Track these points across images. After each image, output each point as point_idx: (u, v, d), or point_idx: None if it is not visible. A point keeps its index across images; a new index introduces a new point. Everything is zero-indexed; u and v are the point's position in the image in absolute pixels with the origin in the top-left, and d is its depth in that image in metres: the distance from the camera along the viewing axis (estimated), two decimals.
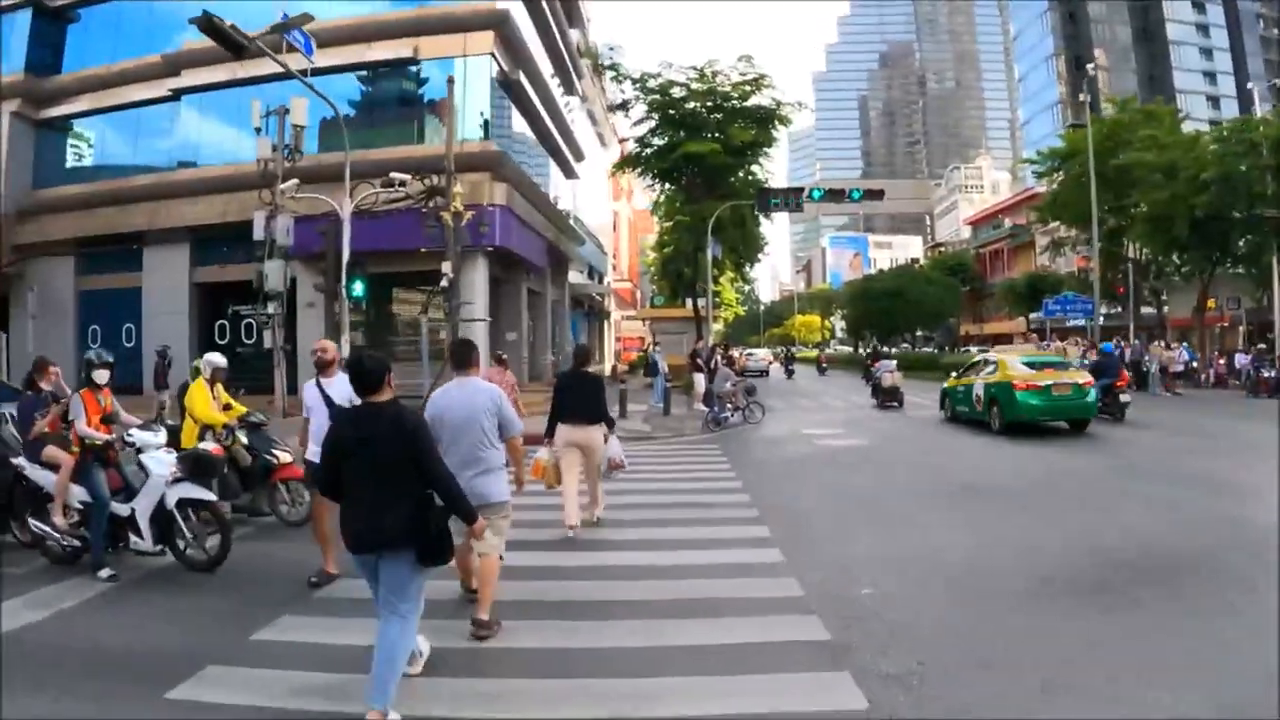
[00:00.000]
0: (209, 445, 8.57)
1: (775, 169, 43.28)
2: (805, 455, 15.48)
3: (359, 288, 18.44)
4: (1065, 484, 11.59)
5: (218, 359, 9.67)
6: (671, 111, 31.56)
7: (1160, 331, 38.08)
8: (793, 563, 7.43)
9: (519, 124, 30.64)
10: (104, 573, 7.38)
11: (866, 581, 6.79)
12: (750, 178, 34.47)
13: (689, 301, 39.47)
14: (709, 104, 31.86)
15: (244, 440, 9.53)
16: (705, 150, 29.88)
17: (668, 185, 35.64)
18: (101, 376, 7.83)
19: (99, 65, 28.97)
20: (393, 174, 19.05)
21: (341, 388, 6.70)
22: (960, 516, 9.47)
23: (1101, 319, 38.66)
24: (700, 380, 24.94)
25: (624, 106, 33.32)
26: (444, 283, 19.41)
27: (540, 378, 31.25)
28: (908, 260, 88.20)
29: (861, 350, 72.62)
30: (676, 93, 31.58)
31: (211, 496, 7.74)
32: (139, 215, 27.18)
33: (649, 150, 33.25)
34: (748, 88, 31.65)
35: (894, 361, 29.13)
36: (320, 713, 4.66)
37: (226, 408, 9.50)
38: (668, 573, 7.24)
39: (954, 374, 21.51)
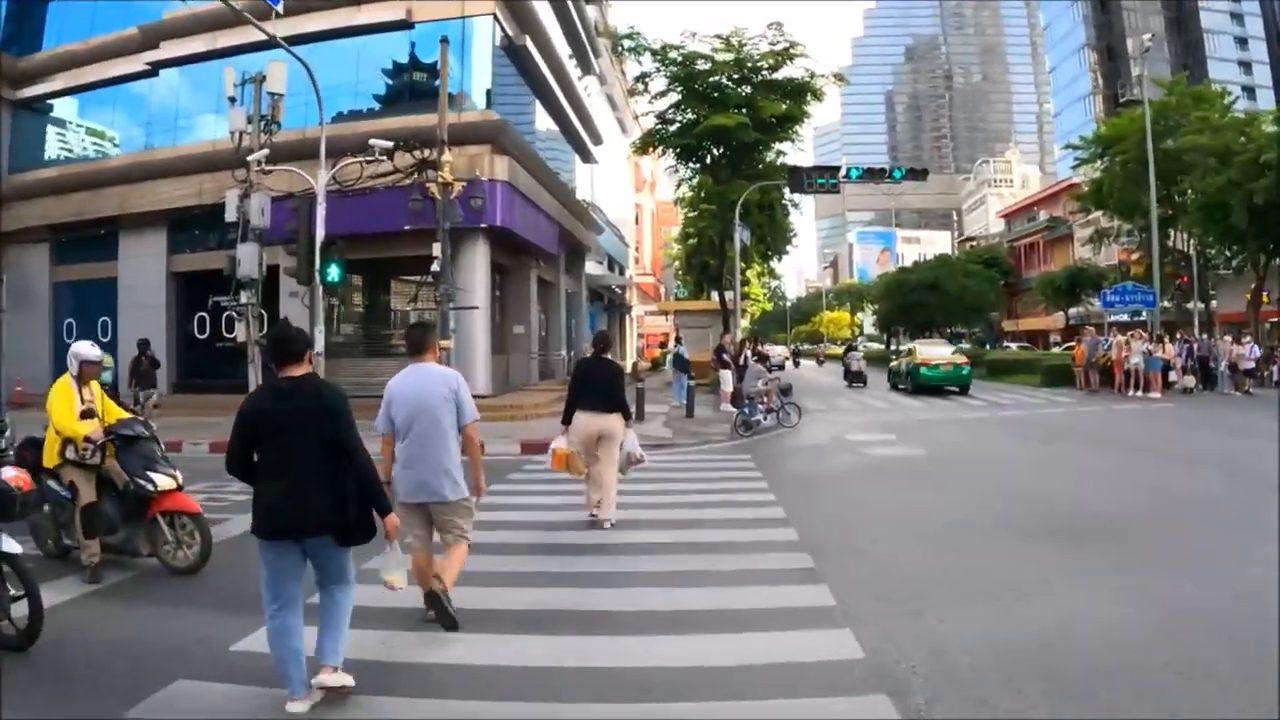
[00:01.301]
0: (10, 473, 6.11)
1: (803, 159, 40.80)
2: (854, 468, 12.88)
3: (334, 272, 16.05)
4: (1210, 516, 8.87)
5: (86, 350, 7.23)
6: (696, 85, 28.85)
7: (1209, 327, 35.42)
8: (878, 659, 4.80)
9: (528, 100, 28.13)
10: None
11: (1003, 699, 4.20)
12: (781, 158, 31.88)
13: (714, 295, 37.13)
14: (736, 76, 29.12)
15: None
16: (732, 123, 27.04)
17: (691, 165, 32.96)
18: None
19: (76, 41, 26.86)
20: (372, 141, 16.57)
21: None
22: (1093, 567, 6.83)
23: (1145, 315, 36.31)
24: (727, 378, 22.39)
25: (643, 80, 30.61)
26: (434, 267, 17.00)
27: (553, 375, 28.79)
28: (935, 256, 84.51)
29: (893, 346, 70.36)
30: (701, 65, 28.92)
31: (14, 547, 5.28)
32: (113, 199, 24.95)
33: (671, 127, 30.63)
34: (776, 58, 28.89)
35: (861, 353, 39.07)
36: None
37: (87, 415, 7.04)
38: (674, 685, 4.59)
39: (893, 357, 35.89)
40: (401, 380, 5.58)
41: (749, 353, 23.13)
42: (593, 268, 39.19)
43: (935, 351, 29.71)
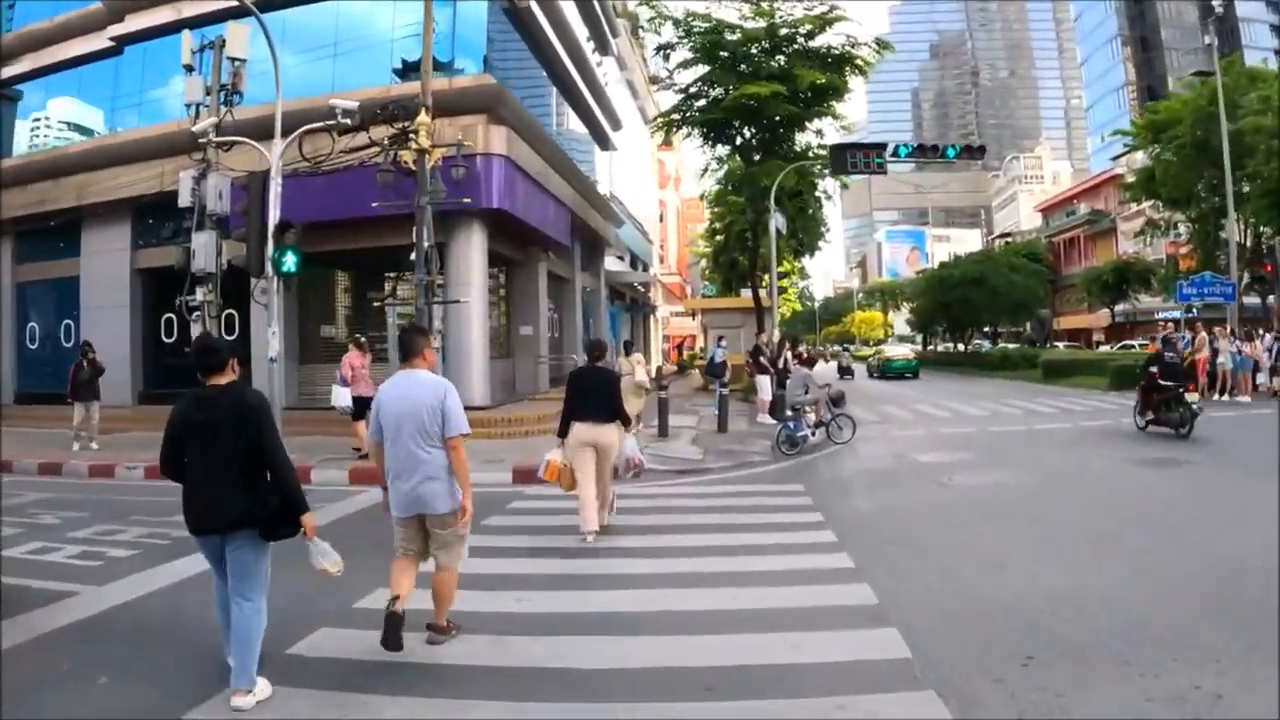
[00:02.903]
0: None
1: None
2: (942, 508, 9.83)
3: (290, 261, 13.32)
4: None
5: None
6: (724, 53, 25.96)
7: (1268, 324, 32.37)
8: None
9: (539, 81, 25.32)
10: None
11: None
12: (819, 138, 29.11)
13: (744, 293, 34.73)
14: (768, 44, 26.21)
15: None
16: (765, 92, 24.05)
17: (718, 146, 30.11)
18: None
19: (42, 20, 24.47)
20: (334, 102, 13.79)
21: None
22: None
23: (1196, 311, 33.47)
24: (765, 385, 19.42)
25: (665, 51, 27.79)
26: (414, 255, 14.25)
27: (565, 380, 25.75)
28: (977, 250, 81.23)
29: (930, 345, 69.00)
30: (729, 36, 26.06)
31: None
32: (73, 188, 22.39)
33: (698, 103, 27.81)
34: (814, 23, 25.92)
35: (849, 353, 55.79)
36: None
37: None
38: None
39: (872, 356, 49.15)
40: (389, 386, 5.55)
41: (789, 354, 20.13)
42: (613, 263, 36.07)
43: (896, 350, 47.38)
